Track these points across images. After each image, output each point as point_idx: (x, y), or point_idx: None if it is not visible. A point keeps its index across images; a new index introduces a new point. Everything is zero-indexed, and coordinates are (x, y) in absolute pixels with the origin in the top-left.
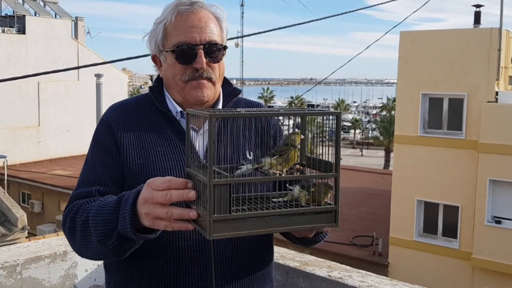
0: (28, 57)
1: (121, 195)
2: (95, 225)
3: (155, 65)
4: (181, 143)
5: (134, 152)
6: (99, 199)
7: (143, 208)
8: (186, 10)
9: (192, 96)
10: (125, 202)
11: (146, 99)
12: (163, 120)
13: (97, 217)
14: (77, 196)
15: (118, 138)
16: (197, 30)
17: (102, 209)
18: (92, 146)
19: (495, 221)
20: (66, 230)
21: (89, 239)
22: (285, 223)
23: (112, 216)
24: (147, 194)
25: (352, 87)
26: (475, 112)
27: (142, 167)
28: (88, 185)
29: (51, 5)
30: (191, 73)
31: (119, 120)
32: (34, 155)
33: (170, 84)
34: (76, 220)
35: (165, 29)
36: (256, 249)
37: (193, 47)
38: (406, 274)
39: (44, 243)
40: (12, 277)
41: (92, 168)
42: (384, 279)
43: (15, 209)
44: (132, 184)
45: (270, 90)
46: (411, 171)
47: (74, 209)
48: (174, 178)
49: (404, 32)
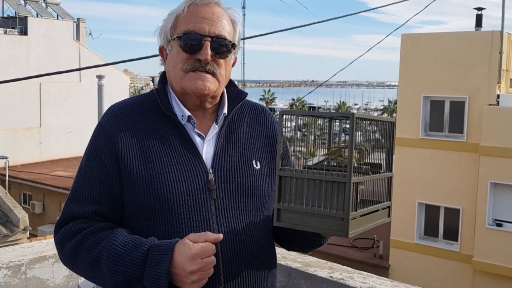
0: (30, 58)
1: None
2: (113, 272)
3: (161, 58)
4: (187, 152)
5: (138, 163)
6: (107, 233)
7: (192, 277)
8: (201, 2)
9: (190, 86)
10: (157, 262)
11: (148, 101)
12: (168, 125)
13: (116, 265)
14: (72, 216)
15: (119, 148)
16: (208, 22)
17: (122, 258)
18: (88, 155)
19: (496, 224)
20: (65, 254)
21: (99, 276)
22: (374, 219)
23: (138, 271)
24: (198, 266)
25: (354, 89)
26: (477, 115)
27: (147, 180)
28: (82, 202)
29: (53, 6)
30: (194, 64)
31: (120, 128)
32: (36, 156)
33: (171, 75)
34: (81, 252)
35: (176, 18)
36: (263, 254)
37: (200, 37)
38: (407, 276)
39: (48, 243)
40: (16, 276)
41: (86, 182)
42: (385, 280)
43: (17, 210)
44: (136, 197)
45: (271, 92)
46: (412, 174)
47: (77, 239)
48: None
49: (405, 35)
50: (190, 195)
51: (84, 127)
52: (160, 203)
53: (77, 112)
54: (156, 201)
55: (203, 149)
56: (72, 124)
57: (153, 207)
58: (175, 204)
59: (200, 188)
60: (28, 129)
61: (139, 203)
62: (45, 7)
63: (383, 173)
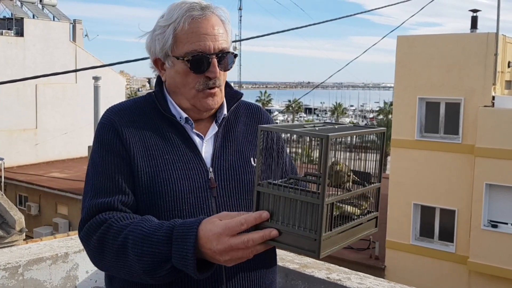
0: (26, 59)
1: (169, 226)
2: (140, 255)
3: (155, 68)
4: (188, 150)
5: (142, 160)
6: (134, 220)
7: (221, 258)
8: (200, 16)
9: (203, 104)
10: (182, 239)
11: (146, 103)
12: (168, 125)
13: (142, 247)
14: (98, 208)
15: (125, 142)
16: (211, 38)
17: (148, 238)
18: (100, 152)
19: (492, 225)
20: (92, 248)
21: (126, 264)
22: (356, 233)
23: (165, 249)
24: (225, 245)
25: (350, 91)
26: (472, 116)
27: (151, 176)
28: (107, 194)
29: (49, 7)
30: (205, 82)
31: (122, 124)
32: (32, 157)
33: (178, 91)
34: (107, 241)
35: (175, 34)
36: (264, 260)
37: (207, 56)
38: (403, 277)
39: (45, 244)
40: (14, 278)
41: (106, 175)
42: (382, 281)
43: (13, 212)
44: (140, 194)
45: (267, 94)
46: (407, 175)
47: (103, 228)
48: (248, 217)
49: (401, 37)
50: (192, 193)
51: (80, 129)
52: (163, 200)
53: (73, 114)
54: (159, 198)
55: (202, 149)
56: (68, 125)
57: (156, 204)
58: (178, 201)
59: (201, 186)
60: (24, 130)
61: (142, 199)
62: (41, 8)
63: (372, 183)
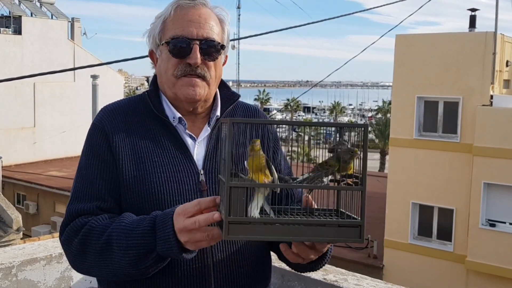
0: (24, 58)
1: (151, 218)
2: (125, 248)
3: (152, 62)
4: (178, 153)
5: (130, 163)
6: (114, 219)
7: (181, 237)
8: (187, 4)
9: (182, 93)
10: (163, 225)
11: (141, 103)
12: (160, 127)
13: (127, 240)
14: (77, 213)
15: (113, 146)
16: (195, 25)
17: (132, 232)
18: (86, 154)
19: (490, 224)
20: (73, 250)
21: (110, 261)
22: (304, 233)
23: (149, 239)
24: (180, 224)
25: (348, 89)
26: (470, 115)
27: (138, 180)
28: (86, 199)
29: (47, 6)
30: (184, 68)
31: (113, 126)
32: (30, 156)
33: (163, 80)
34: (90, 241)
35: (163, 22)
36: (255, 265)
37: (188, 41)
38: (401, 276)
39: (40, 245)
40: (7, 279)
41: (88, 180)
42: (379, 282)
43: (10, 211)
44: (127, 197)
45: (266, 92)
46: (406, 174)
47: (84, 231)
48: (203, 199)
49: (399, 36)
50: (181, 196)
51: (78, 127)
52: (151, 203)
53: (71, 112)
54: (147, 202)
55: (194, 151)
56: (66, 124)
57: (144, 207)
58: (166, 204)
59: (191, 189)
60: (22, 129)
61: (130, 203)
62: (39, 7)
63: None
